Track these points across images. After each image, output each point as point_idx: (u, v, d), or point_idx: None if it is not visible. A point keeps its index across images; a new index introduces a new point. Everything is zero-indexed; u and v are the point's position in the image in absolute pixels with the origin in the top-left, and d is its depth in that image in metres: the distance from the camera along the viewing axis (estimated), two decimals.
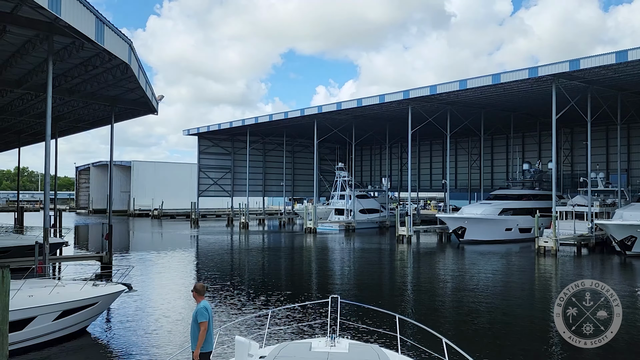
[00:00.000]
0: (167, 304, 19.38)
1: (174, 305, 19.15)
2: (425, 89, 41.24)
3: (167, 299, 20.22)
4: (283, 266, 32.45)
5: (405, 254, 39.11)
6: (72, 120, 34.26)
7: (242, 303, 19.61)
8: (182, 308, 18.40)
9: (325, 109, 51.46)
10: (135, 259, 33.59)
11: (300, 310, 17.41)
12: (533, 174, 51.91)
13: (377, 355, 6.89)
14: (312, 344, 7.45)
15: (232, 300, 19.92)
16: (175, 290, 22.29)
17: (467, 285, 24.79)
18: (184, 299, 20.17)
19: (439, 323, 16.37)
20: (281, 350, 6.98)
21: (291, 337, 13.21)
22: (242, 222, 63.53)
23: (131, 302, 19.07)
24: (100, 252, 26.78)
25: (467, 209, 46.48)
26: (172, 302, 19.77)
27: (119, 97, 26.84)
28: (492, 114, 53.06)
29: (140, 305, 19.02)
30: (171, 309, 18.45)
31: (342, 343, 7.54)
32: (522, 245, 44.27)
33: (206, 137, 72.41)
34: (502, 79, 36.08)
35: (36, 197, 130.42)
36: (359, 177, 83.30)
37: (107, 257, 26.48)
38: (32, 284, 14.25)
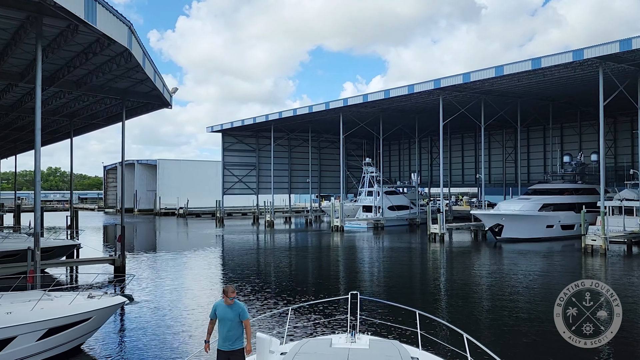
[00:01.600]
0: (178, 315, 17.56)
1: (185, 316, 17.31)
2: (457, 77, 38.55)
3: (179, 309, 18.40)
4: (307, 267, 30.41)
5: (437, 253, 36.62)
6: (87, 116, 32.93)
7: (262, 303, 18.23)
8: (194, 320, 16.56)
9: (351, 102, 49.12)
10: (153, 260, 32.08)
11: (321, 307, 17.30)
12: (574, 166, 48.50)
13: (398, 350, 6.90)
14: (333, 340, 7.50)
15: (253, 299, 19.10)
16: (190, 297, 20.48)
17: (508, 289, 22.28)
18: (200, 308, 18.33)
19: (478, 332, 14.03)
20: (302, 347, 7.05)
21: (312, 334, 13.14)
22: (268, 220, 61.84)
23: (141, 312, 17.31)
24: (113, 254, 25.23)
25: (504, 205, 43.57)
26: (184, 312, 17.94)
27: (129, 90, 25.23)
28: (529, 104, 49.87)
29: (148, 316, 17.24)
30: (182, 321, 16.62)
31: (362, 339, 7.52)
32: (564, 243, 41.18)
33: (230, 133, 70.96)
34: (542, 63, 33.15)
35: (67, 197, 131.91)
36: (387, 172, 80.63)
37: (119, 260, 24.95)
38: (13, 297, 12.54)
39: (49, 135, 41.14)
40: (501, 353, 7.83)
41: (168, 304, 18.91)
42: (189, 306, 18.67)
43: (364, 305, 10.54)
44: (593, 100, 47.25)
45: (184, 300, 19.81)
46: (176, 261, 31.71)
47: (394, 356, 6.80)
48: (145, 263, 30.75)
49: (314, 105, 53.84)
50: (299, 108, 56.24)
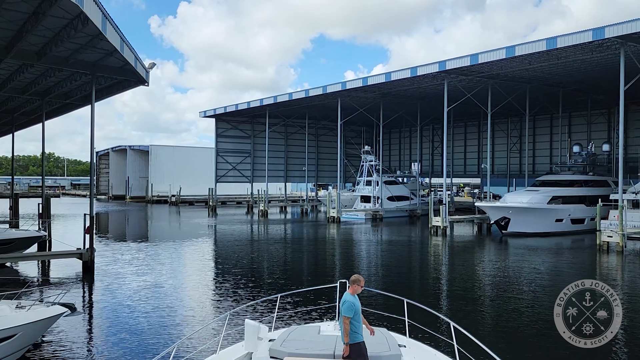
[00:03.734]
0: (134, 325, 15.03)
1: (145, 325, 14.78)
2: (464, 59, 35.72)
3: (135, 316, 15.86)
4: (296, 264, 27.85)
5: (439, 248, 34.11)
6: (60, 95, 30.18)
7: (244, 298, 15.48)
8: (151, 325, 14.03)
9: (350, 85, 46.24)
10: (131, 252, 29.50)
11: (309, 296, 17.20)
12: (585, 157, 45.81)
13: (386, 338, 7.07)
14: (321, 328, 7.67)
15: (234, 297, 17.54)
16: (158, 297, 17.92)
17: (516, 289, 19.74)
18: (167, 315, 15.80)
19: (484, 336, 11.65)
20: (290, 334, 7.22)
21: (300, 321, 13.13)
22: (261, 209, 59.25)
23: (87, 322, 14.80)
24: (81, 248, 22.60)
25: (511, 197, 40.96)
26: (142, 319, 15.40)
27: (99, 65, 22.48)
28: (538, 90, 47.04)
29: (95, 326, 14.71)
30: (137, 331, 14.09)
31: None
32: (574, 238, 38.70)
33: (224, 119, 68.10)
34: (558, 43, 30.33)
35: (59, 182, 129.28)
36: (387, 161, 77.85)
37: (87, 254, 22.36)
38: None
39: (24, 117, 38.32)
40: (502, 353, 7.47)
41: (126, 310, 16.35)
42: (151, 311, 16.12)
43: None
44: (606, 86, 44.61)
45: (150, 301, 17.24)
46: (156, 254, 29.13)
47: (382, 343, 6.84)
48: (121, 256, 28.18)
49: (310, 89, 50.98)
50: (295, 92, 53.37)
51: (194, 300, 17.97)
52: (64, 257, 22.91)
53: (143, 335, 13.55)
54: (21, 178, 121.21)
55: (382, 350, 6.70)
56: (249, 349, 7.15)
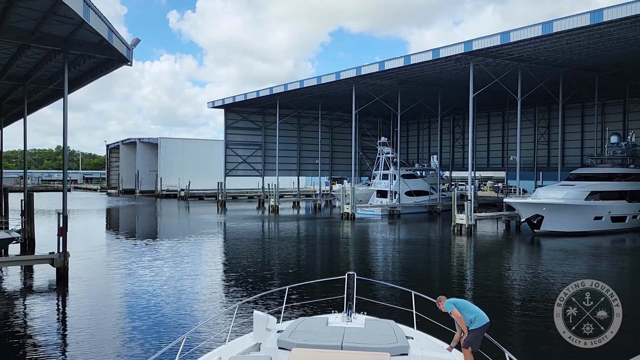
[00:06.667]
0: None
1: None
2: (494, 38, 31.88)
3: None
4: (301, 267, 24.51)
5: (464, 249, 30.56)
6: (43, 80, 27.22)
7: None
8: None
9: (366, 71, 42.58)
10: (117, 255, 26.53)
11: (317, 288, 17.19)
12: (624, 148, 41.63)
13: (393, 330, 7.06)
14: (329, 319, 7.68)
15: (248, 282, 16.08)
16: (118, 313, 14.80)
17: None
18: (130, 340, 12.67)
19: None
20: (298, 325, 7.20)
21: (308, 313, 12.91)
22: (272, 205, 56.08)
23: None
24: (55, 252, 19.54)
25: (544, 192, 37.09)
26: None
27: (71, 40, 19.35)
28: (571, 76, 42.92)
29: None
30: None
31: (358, 319, 7.73)
32: (614, 238, 34.81)
33: (233, 109, 64.98)
34: (605, 16, 26.41)
35: (71, 176, 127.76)
36: (405, 154, 73.97)
37: (60, 259, 19.32)
38: None
39: (8, 106, 35.45)
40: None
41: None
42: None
43: (360, 286, 8.24)
44: None
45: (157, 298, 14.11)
46: (144, 257, 26.03)
47: (389, 335, 6.86)
48: (103, 261, 25.21)
49: (323, 76, 47.44)
50: (306, 79, 49.75)
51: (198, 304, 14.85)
52: (34, 263, 19.92)
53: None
54: (33, 172, 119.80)
55: (389, 342, 6.65)
56: (258, 339, 7.22)
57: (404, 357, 6.44)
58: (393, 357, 6.21)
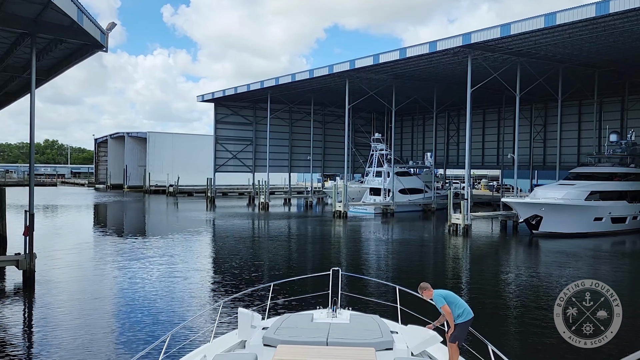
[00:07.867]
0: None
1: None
2: (494, 30, 30.54)
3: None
4: (291, 266, 23.08)
5: (461, 250, 29.29)
6: (17, 68, 25.56)
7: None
8: None
9: (360, 64, 41.12)
10: (88, 258, 24.99)
11: (302, 284, 17.03)
12: (624, 147, 40.51)
13: (378, 325, 7.07)
14: (314, 315, 7.66)
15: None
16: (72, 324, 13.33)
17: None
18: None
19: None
20: (284, 322, 7.15)
21: (293, 309, 12.38)
22: (262, 202, 54.59)
23: None
24: (21, 254, 17.98)
25: (543, 192, 35.89)
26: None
27: (39, 22, 17.77)
28: (571, 72, 41.74)
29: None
30: None
31: (343, 314, 7.78)
32: (614, 240, 33.73)
33: (223, 104, 63.31)
34: (611, 7, 25.12)
35: (58, 170, 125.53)
36: (399, 150, 72.63)
37: (25, 261, 17.79)
38: None
39: None
40: None
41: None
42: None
43: (345, 281, 10.25)
44: None
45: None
46: (125, 256, 24.48)
47: (374, 330, 6.87)
48: (78, 261, 23.68)
49: (315, 69, 45.94)
50: (298, 72, 48.20)
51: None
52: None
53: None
54: (19, 166, 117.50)
55: (374, 337, 6.61)
56: (243, 337, 7.21)
57: (388, 352, 6.41)
58: (378, 352, 6.16)
